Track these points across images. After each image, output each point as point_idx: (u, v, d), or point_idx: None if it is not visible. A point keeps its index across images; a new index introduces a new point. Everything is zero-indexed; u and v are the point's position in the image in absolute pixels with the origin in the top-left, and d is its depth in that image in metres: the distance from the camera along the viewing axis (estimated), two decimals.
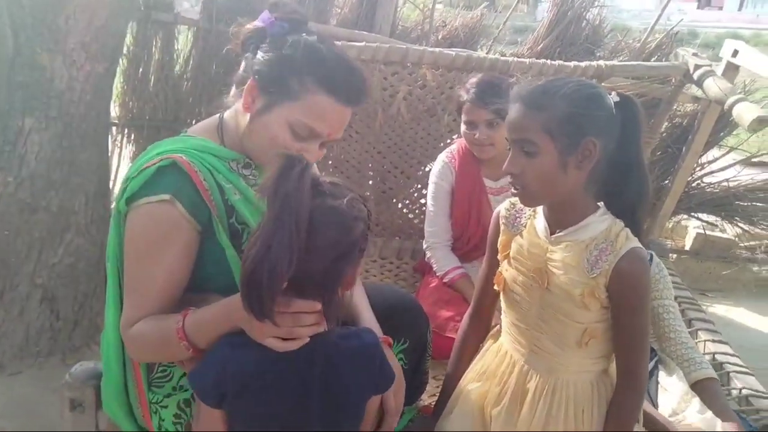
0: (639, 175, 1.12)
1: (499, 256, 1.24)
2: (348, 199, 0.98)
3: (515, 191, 1.12)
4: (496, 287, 1.23)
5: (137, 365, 1.21)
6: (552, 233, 1.14)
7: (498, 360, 1.24)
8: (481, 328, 1.36)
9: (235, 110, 1.23)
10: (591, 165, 1.08)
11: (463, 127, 1.90)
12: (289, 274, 0.92)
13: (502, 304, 1.24)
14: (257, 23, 1.18)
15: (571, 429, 1.14)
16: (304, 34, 1.15)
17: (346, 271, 0.99)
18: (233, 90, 1.24)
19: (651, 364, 1.54)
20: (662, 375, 1.51)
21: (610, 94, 1.09)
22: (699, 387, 1.49)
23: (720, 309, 3.03)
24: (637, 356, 1.12)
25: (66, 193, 2.18)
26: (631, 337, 1.11)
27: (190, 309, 1.09)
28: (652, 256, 1.58)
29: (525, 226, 1.20)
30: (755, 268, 3.27)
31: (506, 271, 1.21)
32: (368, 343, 1.10)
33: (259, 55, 1.15)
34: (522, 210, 1.22)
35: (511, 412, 1.18)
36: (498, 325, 1.31)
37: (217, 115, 1.26)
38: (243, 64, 1.21)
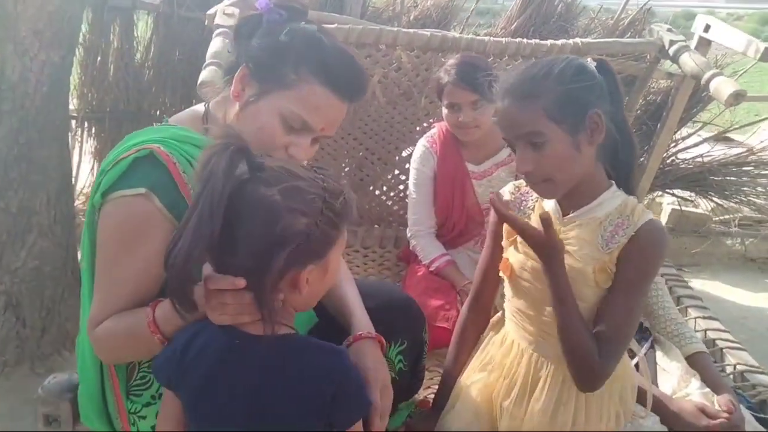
0: (627, 135, 1.10)
1: (504, 242, 1.19)
2: (285, 188, 0.87)
3: (535, 188, 1.06)
4: (501, 274, 1.19)
5: (114, 372, 1.14)
6: (564, 215, 1.11)
7: (504, 350, 1.20)
8: (482, 318, 1.32)
9: (223, 99, 1.16)
10: (602, 136, 1.04)
11: (444, 111, 1.84)
12: (200, 260, 0.87)
13: (507, 291, 1.20)
14: (254, 10, 1.11)
15: (580, 416, 1.11)
16: (303, 23, 1.09)
17: (275, 267, 0.85)
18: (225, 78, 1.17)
19: (647, 345, 1.53)
20: (659, 356, 1.50)
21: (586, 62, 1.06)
22: (690, 361, 1.49)
23: (696, 283, 3.07)
24: (619, 330, 1.03)
25: (26, 192, 2.04)
26: (621, 308, 1.03)
27: (159, 300, 1.02)
28: None
29: (533, 209, 1.16)
30: (728, 242, 3.33)
31: (513, 256, 1.16)
32: (329, 366, 0.93)
33: (254, 42, 1.08)
34: (528, 192, 1.18)
35: (521, 402, 1.14)
36: (500, 313, 1.26)
37: (203, 103, 1.19)
38: (235, 52, 1.15)
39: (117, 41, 2.66)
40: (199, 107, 1.18)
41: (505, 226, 1.18)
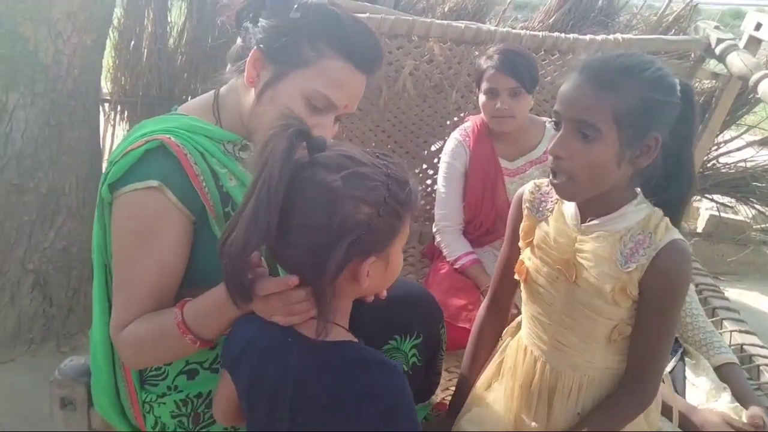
0: (688, 170, 1.01)
1: (520, 243, 1.14)
2: (347, 174, 0.80)
3: (554, 180, 0.98)
4: (516, 277, 1.13)
5: (127, 365, 1.12)
6: (583, 221, 1.04)
7: (519, 357, 1.15)
8: (499, 319, 1.27)
9: (234, 87, 1.12)
10: (648, 162, 0.96)
11: (482, 98, 1.80)
12: (258, 249, 0.82)
13: (523, 295, 1.15)
14: None
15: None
16: None
17: (335, 258, 0.79)
18: (228, 67, 1.12)
19: (677, 357, 1.46)
20: (689, 368, 1.44)
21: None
22: (719, 373, 1.43)
23: (733, 293, 2.94)
24: (653, 360, 1.02)
25: (55, 173, 2.07)
26: (654, 338, 1.00)
27: (186, 300, 0.99)
28: None
29: (551, 212, 1.09)
30: None
31: (529, 260, 1.11)
32: (383, 384, 0.84)
33: (262, 23, 1.03)
34: (548, 194, 1.11)
35: (541, 414, 1.10)
36: (517, 317, 1.21)
37: (213, 91, 1.14)
38: (239, 38, 1.09)
39: (151, 26, 2.67)
40: (209, 96, 1.14)
41: (522, 225, 1.13)
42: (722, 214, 3.14)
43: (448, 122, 2.45)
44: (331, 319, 0.83)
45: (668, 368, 1.48)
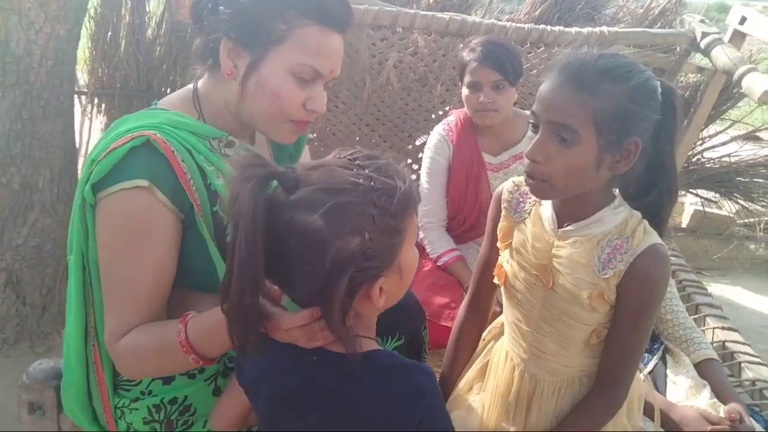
0: (670, 175, 0.98)
1: (499, 244, 1.11)
2: (327, 210, 0.75)
3: (531, 182, 0.95)
4: (496, 281, 1.11)
5: (100, 367, 1.08)
6: (560, 225, 1.01)
7: (501, 364, 1.12)
8: (480, 319, 1.24)
9: (211, 81, 1.07)
10: (627, 168, 0.93)
11: (465, 92, 1.76)
12: (255, 297, 0.77)
13: (503, 300, 1.12)
14: None
15: None
16: None
17: (337, 296, 0.76)
18: (198, 68, 1.08)
19: (658, 355, 1.45)
20: (669, 365, 1.43)
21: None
22: (700, 369, 1.42)
23: (716, 288, 2.96)
24: (625, 364, 1.00)
25: (28, 168, 2.01)
26: (627, 342, 0.98)
27: (189, 315, 0.95)
28: None
29: (529, 214, 1.06)
30: (752, 246, 3.20)
31: (507, 263, 1.08)
32: (418, 388, 0.84)
33: (223, 11, 0.98)
34: (526, 194, 1.07)
35: (519, 421, 1.08)
36: (500, 315, 1.19)
37: (190, 85, 1.10)
38: (199, 35, 1.04)
39: (128, 16, 2.60)
40: (188, 90, 1.10)
41: (501, 226, 1.10)
42: (706, 209, 3.15)
43: (432, 116, 2.42)
44: (355, 335, 0.81)
45: (649, 367, 1.48)
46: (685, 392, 1.36)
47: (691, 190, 3.00)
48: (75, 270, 1.06)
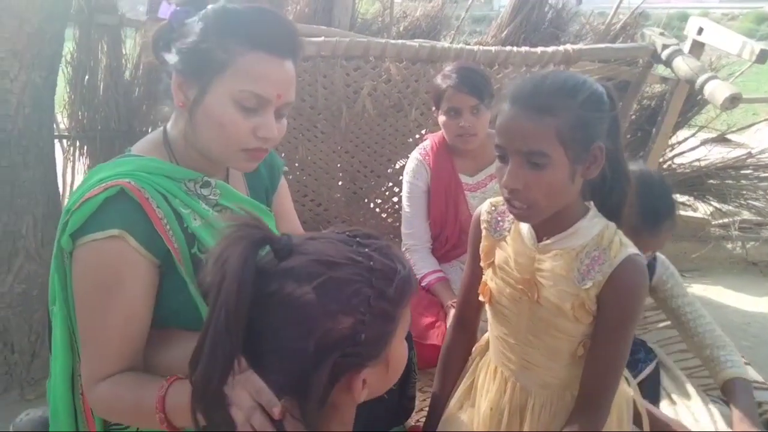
0: (622, 166, 1.03)
1: (482, 263, 1.15)
2: (320, 283, 0.68)
3: (514, 208, 0.98)
4: (481, 298, 1.14)
5: (90, 416, 1.09)
6: (539, 240, 1.05)
7: (489, 378, 1.15)
8: (467, 337, 1.27)
9: (176, 120, 1.09)
10: (598, 171, 0.97)
11: (443, 118, 1.81)
12: (223, 381, 0.69)
13: (489, 316, 1.15)
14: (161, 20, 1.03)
15: None
16: (210, 6, 1.02)
17: (316, 385, 0.68)
18: (167, 108, 1.11)
19: (651, 367, 1.48)
20: (669, 383, 1.45)
21: None
22: (725, 388, 1.37)
23: (697, 288, 3.02)
24: (606, 379, 1.01)
25: (11, 216, 2.01)
26: (606, 356, 1.01)
27: (177, 379, 0.94)
28: (656, 255, 1.51)
29: (509, 231, 1.10)
30: (729, 246, 3.28)
31: (491, 281, 1.12)
32: None
33: (174, 48, 1.01)
34: (504, 213, 1.11)
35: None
36: (485, 336, 1.22)
37: (161, 128, 1.12)
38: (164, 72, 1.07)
39: (105, 59, 2.63)
40: (158, 133, 1.11)
41: (482, 246, 1.13)
42: (682, 213, 3.22)
43: (410, 139, 2.47)
44: None
45: (641, 376, 1.49)
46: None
47: None
48: (59, 319, 1.07)
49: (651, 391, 1.45)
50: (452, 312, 1.35)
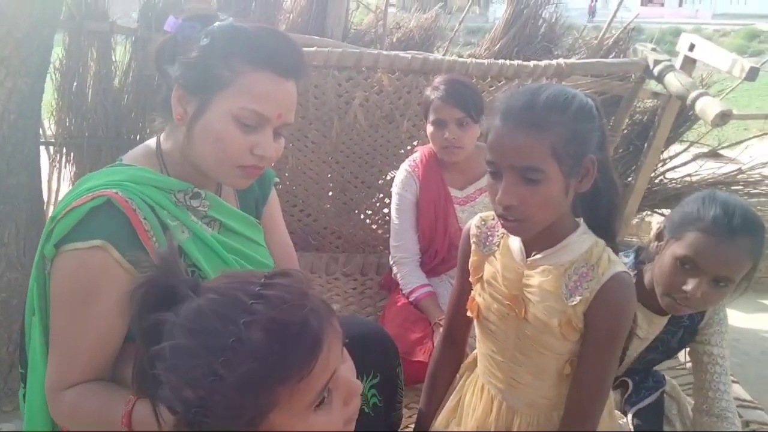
0: (610, 182, 1.02)
1: (471, 279, 1.13)
2: (172, 346, 0.66)
3: (508, 224, 0.97)
4: (469, 314, 1.12)
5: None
6: (528, 255, 1.03)
7: (476, 396, 1.13)
8: (455, 353, 1.25)
9: (171, 131, 1.08)
10: (590, 183, 0.96)
11: (430, 129, 1.81)
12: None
13: (477, 333, 1.13)
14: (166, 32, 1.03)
15: None
16: (217, 23, 1.02)
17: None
18: (158, 119, 1.10)
19: (655, 395, 1.45)
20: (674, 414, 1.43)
21: None
22: None
23: None
24: (592, 398, 1.01)
25: None
26: (592, 374, 1.00)
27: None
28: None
29: (498, 246, 1.08)
30: None
31: (480, 296, 1.10)
32: None
33: (177, 60, 1.01)
34: (494, 227, 1.10)
35: None
36: (473, 353, 1.20)
37: (154, 138, 1.11)
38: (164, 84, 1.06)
39: (95, 65, 2.61)
40: (151, 143, 1.11)
41: (471, 261, 1.12)
42: None
43: (401, 151, 2.46)
44: None
45: (642, 404, 1.44)
46: None
47: (656, 209, 3.07)
48: (38, 330, 1.04)
49: (652, 419, 1.42)
50: (440, 330, 1.33)
